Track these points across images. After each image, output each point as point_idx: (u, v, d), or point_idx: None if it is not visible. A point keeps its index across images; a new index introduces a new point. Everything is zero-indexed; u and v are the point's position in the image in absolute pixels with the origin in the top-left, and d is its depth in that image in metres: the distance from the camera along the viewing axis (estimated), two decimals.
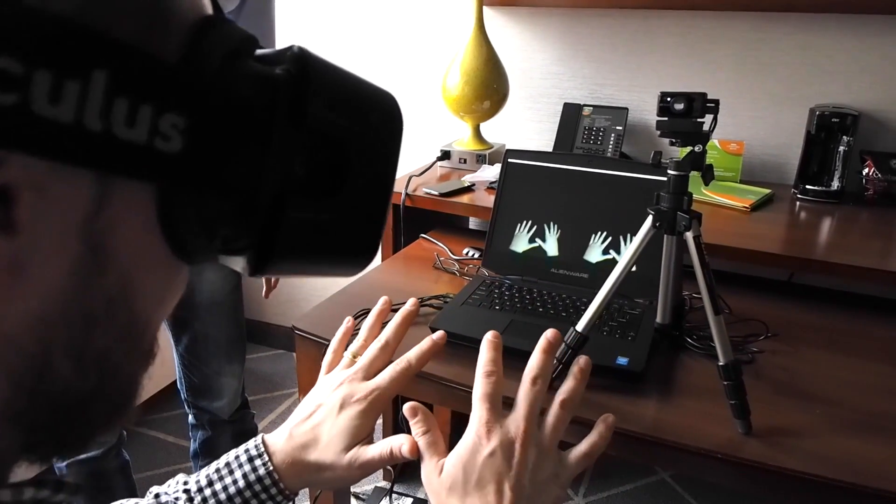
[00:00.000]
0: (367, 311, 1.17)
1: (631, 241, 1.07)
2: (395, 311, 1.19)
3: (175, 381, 1.46)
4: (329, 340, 1.11)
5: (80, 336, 0.25)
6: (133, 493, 1.46)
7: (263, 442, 0.67)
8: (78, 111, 0.21)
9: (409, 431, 0.72)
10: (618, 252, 1.23)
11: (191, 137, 0.24)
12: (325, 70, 0.29)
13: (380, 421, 1.95)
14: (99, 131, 0.22)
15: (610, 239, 1.25)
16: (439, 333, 0.80)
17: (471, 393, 1.01)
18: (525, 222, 1.32)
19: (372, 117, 0.31)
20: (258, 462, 0.65)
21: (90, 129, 0.21)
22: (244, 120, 0.27)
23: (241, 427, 1.49)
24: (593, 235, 1.26)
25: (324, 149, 0.29)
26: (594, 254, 1.25)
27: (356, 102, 0.31)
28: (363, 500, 1.85)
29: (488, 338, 0.72)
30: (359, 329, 0.83)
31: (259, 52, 0.29)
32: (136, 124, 0.23)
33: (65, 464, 1.33)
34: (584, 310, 0.98)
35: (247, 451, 0.66)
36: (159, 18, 0.24)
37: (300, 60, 0.28)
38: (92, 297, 0.25)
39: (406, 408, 0.72)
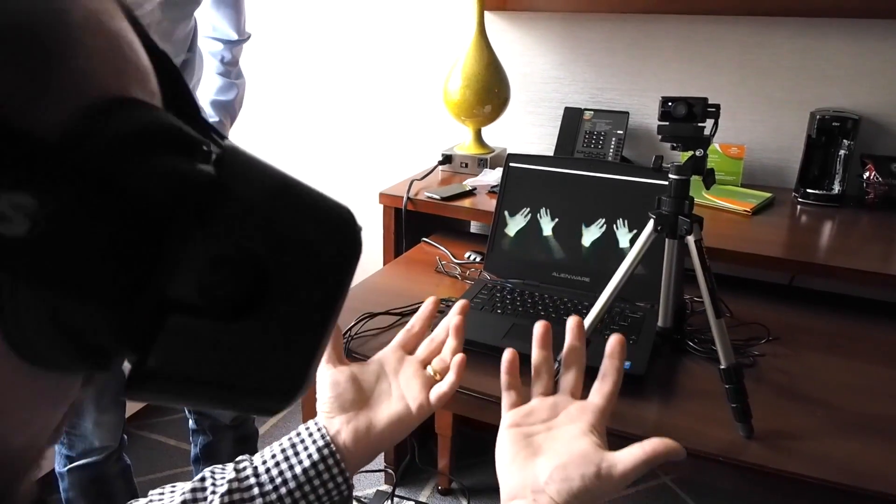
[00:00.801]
0: (370, 315, 1.18)
1: (620, 225, 1.08)
2: (407, 314, 1.20)
3: None
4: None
5: None
6: (134, 497, 1.46)
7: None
8: None
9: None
10: (615, 243, 1.24)
11: (42, 223, 0.20)
12: (257, 176, 0.25)
13: None
14: None
15: (606, 228, 1.25)
16: (463, 303, 0.76)
17: (474, 396, 1.01)
18: (526, 226, 1.33)
19: (309, 234, 0.26)
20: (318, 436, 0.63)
21: None
22: (127, 215, 0.22)
23: (241, 432, 1.49)
24: (589, 225, 1.27)
25: (233, 263, 0.24)
26: (591, 237, 1.26)
27: (288, 215, 0.26)
28: (365, 502, 1.85)
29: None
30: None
31: (196, 144, 0.25)
32: None
33: (66, 469, 1.33)
34: (586, 313, 0.98)
35: (307, 428, 0.65)
36: (28, 86, 0.21)
37: (225, 161, 0.25)
38: None
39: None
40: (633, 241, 1.19)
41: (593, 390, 0.64)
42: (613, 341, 0.65)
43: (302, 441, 0.63)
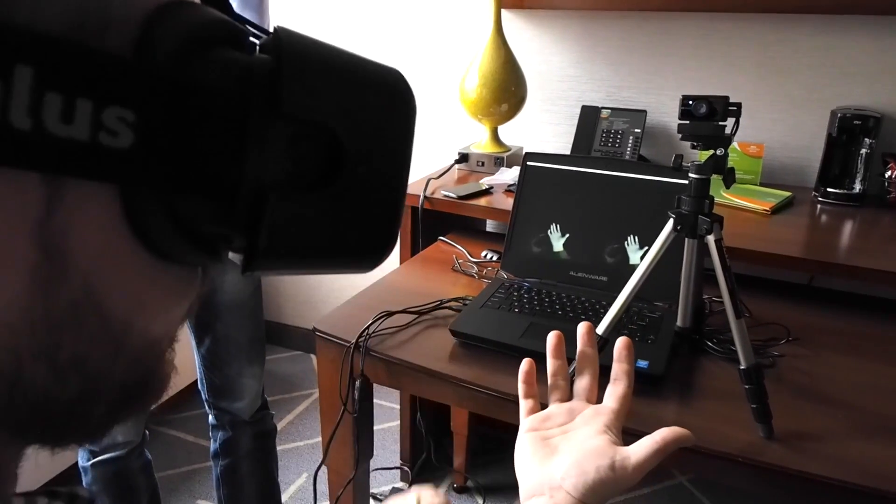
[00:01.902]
0: (387, 314, 1.19)
1: (640, 242, 1.07)
2: (424, 312, 1.21)
3: (195, 381, 1.48)
4: (349, 342, 1.13)
5: (49, 342, 0.24)
6: (155, 492, 1.48)
7: None
8: (2, 110, 0.20)
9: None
10: (636, 255, 1.23)
11: (143, 131, 0.23)
12: (309, 52, 0.27)
13: (396, 423, 1.96)
14: (29, 130, 0.20)
15: (628, 241, 1.24)
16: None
17: (491, 395, 1.01)
18: (544, 225, 1.32)
19: (369, 99, 0.28)
20: None
21: (18, 128, 0.20)
22: (210, 111, 0.24)
23: (261, 427, 1.50)
24: (606, 225, 1.26)
25: (310, 138, 0.26)
26: (609, 236, 1.25)
27: (347, 84, 0.28)
28: (381, 500, 1.86)
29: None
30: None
31: (243, 34, 0.27)
32: (73, 120, 0.21)
33: (90, 463, 1.35)
34: (604, 313, 0.98)
35: None
36: (96, 8, 0.23)
37: (278, 43, 0.26)
38: (55, 303, 0.24)
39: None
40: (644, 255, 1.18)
41: (607, 394, 0.64)
42: (619, 345, 0.66)
43: None
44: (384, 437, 2.11)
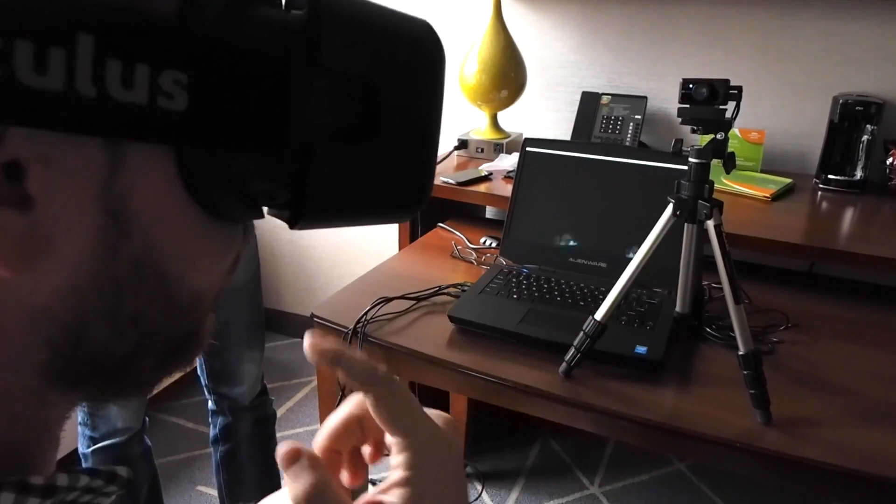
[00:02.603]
0: (385, 300, 1.18)
1: (640, 228, 1.07)
2: (423, 298, 1.20)
3: (194, 367, 1.48)
4: (347, 327, 1.12)
5: (113, 301, 0.25)
6: (155, 478, 1.48)
7: None
8: (68, 78, 0.21)
9: None
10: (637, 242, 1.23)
11: (197, 93, 0.23)
12: (343, 5, 0.27)
13: None
14: (94, 97, 0.21)
15: (627, 228, 1.24)
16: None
17: (490, 381, 1.01)
18: (543, 211, 1.32)
19: (401, 50, 0.29)
20: None
21: (85, 96, 0.21)
22: (256, 69, 0.25)
23: (260, 413, 1.51)
24: (606, 210, 1.26)
25: (349, 91, 0.27)
26: (608, 222, 1.25)
27: (381, 37, 0.28)
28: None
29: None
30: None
31: None
32: (133, 85, 0.22)
33: (90, 450, 1.35)
34: (602, 299, 0.97)
35: None
36: None
37: (318, 3, 0.26)
38: (119, 263, 0.25)
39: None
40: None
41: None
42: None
43: None
44: None
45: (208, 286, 0.30)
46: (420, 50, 0.29)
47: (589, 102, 1.78)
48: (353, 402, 0.39)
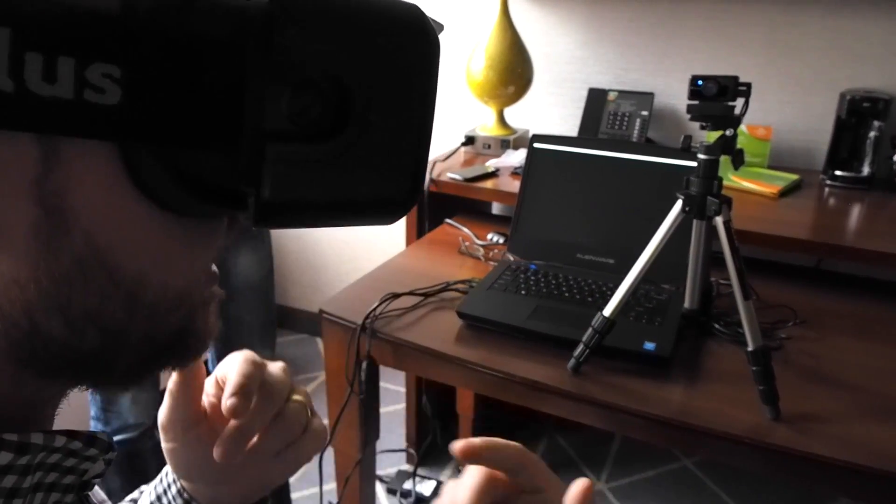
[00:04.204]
0: (394, 295, 1.19)
1: (648, 224, 1.07)
2: (431, 294, 1.21)
3: (204, 363, 1.49)
4: (356, 324, 1.13)
5: (57, 296, 0.25)
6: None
7: None
8: None
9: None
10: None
11: (131, 87, 0.22)
12: None
13: (402, 405, 1.97)
14: (11, 91, 0.21)
15: (635, 223, 1.24)
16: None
17: (497, 376, 1.02)
18: (550, 207, 1.32)
19: (380, 41, 0.26)
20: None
21: (1, 90, 0.21)
22: (203, 63, 0.24)
23: None
24: (614, 206, 1.26)
25: (315, 85, 0.25)
26: (616, 218, 1.25)
27: (355, 27, 0.25)
28: (387, 482, 1.87)
29: None
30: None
31: None
32: (56, 79, 0.21)
33: None
34: (610, 295, 0.98)
35: None
36: None
37: None
38: (59, 258, 0.24)
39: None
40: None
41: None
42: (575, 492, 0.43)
43: None
44: (390, 420, 2.12)
45: (187, 283, 0.29)
46: (403, 39, 0.27)
47: (596, 99, 1.78)
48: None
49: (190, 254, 0.29)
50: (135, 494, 0.54)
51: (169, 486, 0.51)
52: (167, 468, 0.51)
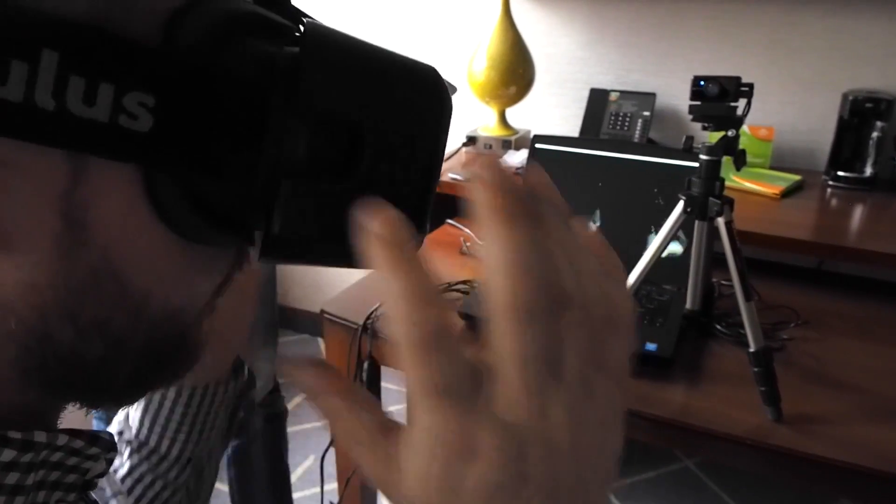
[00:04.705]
0: None
1: (649, 225, 1.07)
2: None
3: None
4: (357, 324, 1.13)
5: (71, 303, 0.26)
6: None
7: None
8: (28, 90, 0.22)
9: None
10: (646, 238, 1.23)
11: (161, 116, 0.24)
12: (333, 44, 0.27)
13: (403, 405, 1.97)
14: (52, 110, 0.22)
15: (636, 224, 1.24)
16: None
17: None
18: None
19: (397, 95, 0.28)
20: None
21: (42, 108, 0.22)
22: (230, 100, 0.26)
23: (272, 409, 1.52)
24: (615, 207, 1.26)
25: (331, 129, 0.26)
26: (617, 218, 1.25)
27: (374, 79, 0.28)
28: None
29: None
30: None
31: (280, 26, 0.28)
32: (95, 103, 0.23)
33: None
34: None
35: None
36: (122, 2, 0.24)
37: (306, 37, 0.26)
38: (76, 268, 0.26)
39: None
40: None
41: None
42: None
43: None
44: None
45: (185, 302, 0.30)
46: (418, 96, 0.29)
47: (597, 99, 1.78)
48: None
49: (193, 277, 0.30)
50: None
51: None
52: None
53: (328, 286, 2.53)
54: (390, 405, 2.16)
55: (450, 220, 1.60)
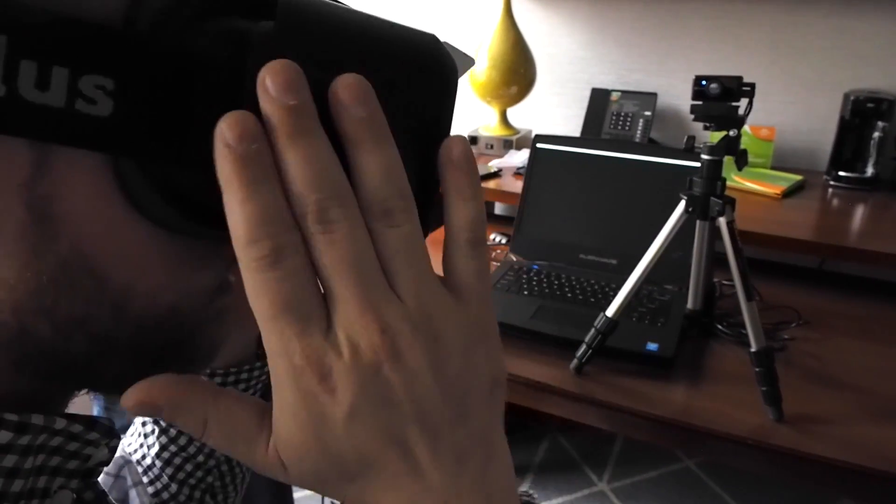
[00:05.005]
0: None
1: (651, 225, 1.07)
2: None
3: None
4: None
5: (45, 299, 0.25)
6: None
7: None
8: None
9: None
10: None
11: (123, 99, 0.22)
12: (318, 18, 0.24)
13: None
14: (3, 95, 0.21)
15: (638, 224, 1.24)
16: None
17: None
18: (553, 208, 1.32)
19: (387, 71, 0.25)
20: None
21: None
22: (198, 80, 0.24)
23: None
24: (616, 207, 1.26)
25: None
26: (618, 218, 1.25)
27: (364, 53, 0.25)
28: None
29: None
30: None
31: (259, 2, 0.25)
32: (50, 87, 0.21)
33: None
34: (613, 296, 0.98)
35: None
36: None
37: (280, 8, 0.24)
38: (45, 262, 0.24)
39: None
40: None
41: None
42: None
43: None
44: None
45: (180, 298, 0.28)
46: (413, 75, 0.26)
47: (599, 99, 1.78)
48: None
49: (180, 271, 0.28)
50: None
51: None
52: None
53: None
54: None
55: None
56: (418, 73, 0.26)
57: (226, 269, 0.30)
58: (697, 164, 0.93)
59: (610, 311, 0.96)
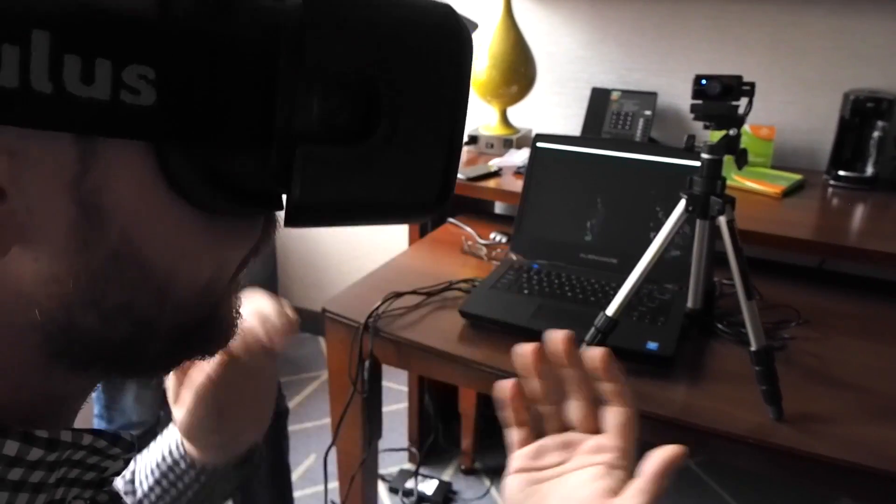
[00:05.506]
0: (396, 295, 1.19)
1: (651, 224, 1.07)
2: (434, 293, 1.21)
3: None
4: (358, 323, 1.13)
5: (94, 291, 0.26)
6: None
7: None
8: (23, 75, 0.21)
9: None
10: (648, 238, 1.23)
11: (164, 88, 0.23)
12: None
13: (404, 405, 1.97)
14: (51, 93, 0.21)
15: (638, 223, 1.24)
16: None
17: (498, 375, 1.02)
18: (553, 207, 1.32)
19: (411, 43, 0.26)
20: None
21: (40, 92, 0.21)
22: (235, 65, 0.24)
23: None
24: (616, 206, 1.26)
25: (346, 87, 0.25)
26: (618, 217, 1.25)
27: (387, 29, 0.26)
28: (389, 481, 1.87)
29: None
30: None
31: None
32: (94, 81, 0.22)
33: None
34: (613, 295, 0.98)
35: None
36: None
37: None
38: (95, 254, 0.25)
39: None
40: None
41: (608, 424, 0.49)
42: (596, 359, 0.49)
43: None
44: (392, 419, 2.12)
45: (213, 275, 0.30)
46: (434, 41, 0.27)
47: (599, 98, 1.78)
48: None
49: (220, 250, 0.29)
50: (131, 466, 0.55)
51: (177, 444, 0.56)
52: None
53: (329, 285, 2.53)
54: (390, 404, 2.16)
55: (451, 219, 1.60)
56: (440, 41, 0.27)
57: (260, 244, 0.32)
58: (697, 164, 0.93)
59: (610, 310, 0.96)
